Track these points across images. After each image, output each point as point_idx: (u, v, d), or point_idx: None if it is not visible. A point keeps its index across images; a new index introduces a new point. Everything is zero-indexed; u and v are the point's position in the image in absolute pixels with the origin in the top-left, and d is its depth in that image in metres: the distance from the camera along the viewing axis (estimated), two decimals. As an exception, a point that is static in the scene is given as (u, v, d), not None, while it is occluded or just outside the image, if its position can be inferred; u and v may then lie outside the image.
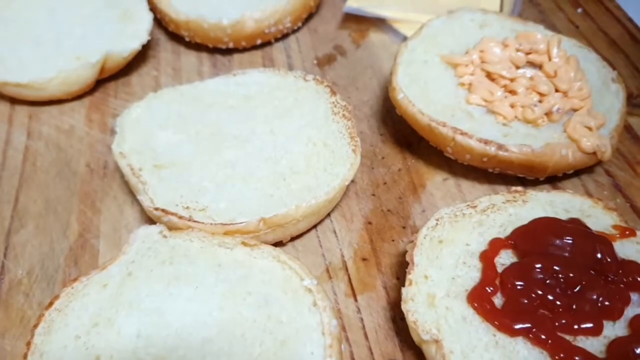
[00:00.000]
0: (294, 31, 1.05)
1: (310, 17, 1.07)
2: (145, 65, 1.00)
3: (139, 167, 0.76)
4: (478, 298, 0.62)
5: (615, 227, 0.67)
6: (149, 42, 0.97)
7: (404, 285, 0.67)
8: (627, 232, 0.66)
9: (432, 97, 0.81)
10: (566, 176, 0.79)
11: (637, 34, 0.99)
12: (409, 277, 0.64)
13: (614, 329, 0.60)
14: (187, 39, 1.01)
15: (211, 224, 0.69)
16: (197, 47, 1.02)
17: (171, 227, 0.70)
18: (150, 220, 0.75)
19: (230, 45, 0.99)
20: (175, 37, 1.04)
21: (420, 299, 0.62)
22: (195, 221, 0.70)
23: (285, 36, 1.04)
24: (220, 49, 1.01)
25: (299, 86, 0.85)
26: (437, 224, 0.68)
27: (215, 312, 0.62)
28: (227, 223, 0.69)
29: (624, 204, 0.76)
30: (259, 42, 1.00)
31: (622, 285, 0.62)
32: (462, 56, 0.84)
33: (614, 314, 0.60)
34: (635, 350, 0.57)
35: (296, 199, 0.71)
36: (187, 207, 0.71)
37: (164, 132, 0.80)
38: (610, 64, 0.85)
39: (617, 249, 0.64)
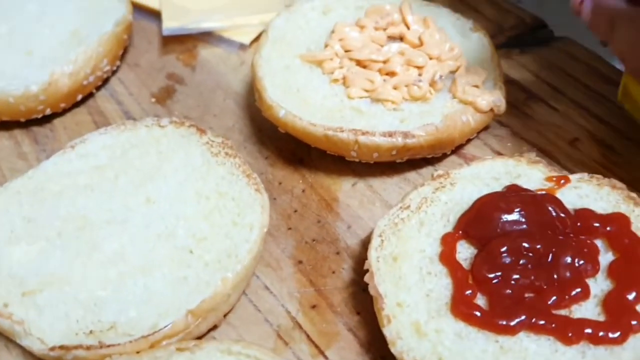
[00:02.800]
0: (114, 72, 0.90)
1: (125, 51, 0.92)
2: (-54, 169, 0.79)
3: (4, 304, 0.59)
4: (462, 308, 0.56)
5: (548, 179, 0.65)
6: (-60, 139, 0.77)
7: (367, 320, 0.60)
8: (562, 181, 0.64)
9: (311, 103, 0.72)
10: (468, 142, 0.75)
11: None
12: (383, 313, 0.56)
13: (598, 284, 0.57)
14: (-11, 120, 0.81)
15: (130, 341, 0.55)
16: (5, 125, 0.83)
17: (80, 364, 0.55)
18: (44, 361, 0.59)
19: (48, 112, 0.81)
20: (-27, 123, 0.83)
21: (406, 333, 0.55)
22: (108, 346, 0.55)
23: (106, 81, 0.88)
24: (35, 119, 0.83)
25: (156, 136, 0.72)
26: (382, 240, 0.61)
27: None
28: (149, 333, 0.56)
29: (531, 150, 0.75)
30: (79, 97, 0.84)
31: (583, 237, 0.59)
32: (323, 51, 0.76)
33: (592, 269, 0.57)
34: (629, 297, 0.55)
35: (217, 271, 0.60)
36: (91, 332, 0.57)
37: (16, 247, 0.63)
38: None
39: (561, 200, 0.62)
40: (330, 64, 0.75)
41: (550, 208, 0.60)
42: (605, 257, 0.59)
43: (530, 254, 0.57)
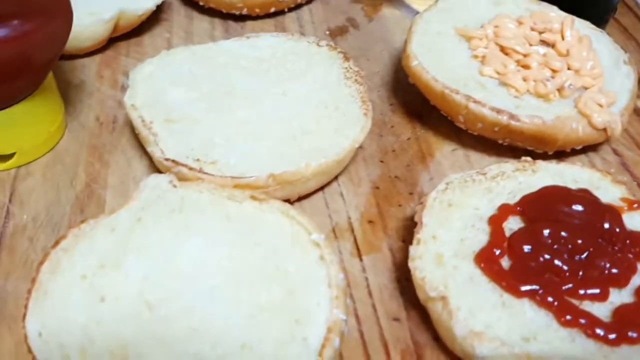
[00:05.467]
0: (307, 2, 1.05)
1: (325, -10, 1.07)
2: (157, 27, 1.00)
3: (150, 120, 0.76)
4: (486, 259, 0.62)
5: (623, 199, 0.68)
6: (162, 4, 0.97)
7: (408, 248, 0.68)
8: (635, 205, 0.67)
9: (445, 66, 0.81)
10: (573, 152, 0.79)
11: (649, 22, 1.00)
12: (417, 236, 0.64)
13: (620, 296, 0.60)
14: (200, 4, 1.01)
15: (221, 176, 0.69)
16: (210, 12, 1.02)
17: (181, 179, 0.70)
18: (159, 174, 0.75)
19: (244, 11, 0.99)
20: (189, 2, 1.03)
21: (428, 257, 0.62)
22: (205, 173, 0.70)
23: (298, 6, 1.04)
24: (233, 15, 1.01)
25: (312, 51, 0.85)
26: (446, 187, 0.69)
27: (223, 261, 0.62)
28: (237, 177, 0.69)
29: (631, 182, 0.77)
30: (272, 10, 1.00)
31: (629, 255, 0.62)
32: (477, 30, 0.84)
33: (621, 282, 0.60)
34: (640, 316, 0.57)
35: (306, 158, 0.71)
36: (198, 160, 0.71)
37: (176, 88, 0.80)
38: (622, 48, 0.86)
39: (625, 220, 0.65)
40: (478, 42, 0.82)
41: (607, 218, 0.63)
42: (639, 279, 0.61)
43: (569, 246, 0.61)
